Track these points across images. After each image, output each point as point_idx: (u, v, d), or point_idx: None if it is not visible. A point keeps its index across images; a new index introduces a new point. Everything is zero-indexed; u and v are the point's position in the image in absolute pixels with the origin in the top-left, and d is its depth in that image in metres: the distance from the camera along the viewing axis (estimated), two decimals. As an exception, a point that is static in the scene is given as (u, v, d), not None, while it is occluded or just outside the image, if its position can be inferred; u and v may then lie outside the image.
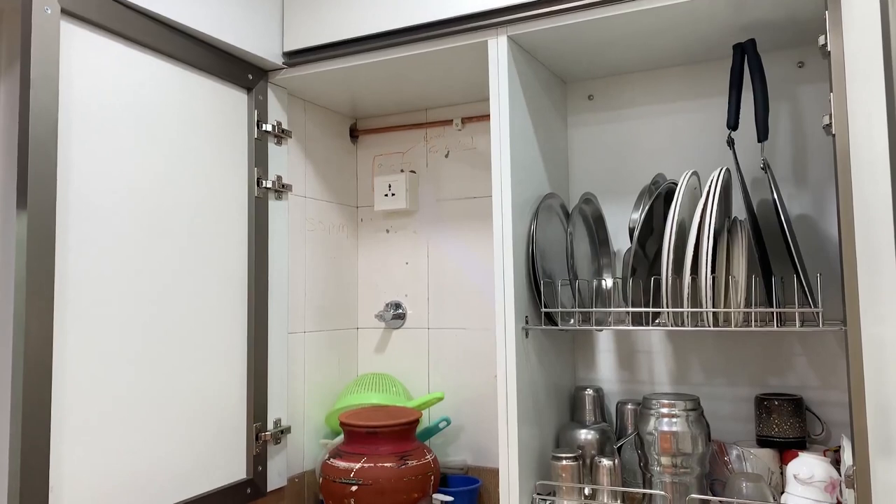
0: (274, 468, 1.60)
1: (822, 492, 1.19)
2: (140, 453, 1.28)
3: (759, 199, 1.48)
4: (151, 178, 1.33)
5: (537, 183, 1.50)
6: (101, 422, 1.21)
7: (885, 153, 1.06)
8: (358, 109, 1.92)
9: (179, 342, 1.37)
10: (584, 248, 1.52)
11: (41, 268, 1.12)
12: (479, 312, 1.81)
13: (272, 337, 1.61)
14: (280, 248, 1.66)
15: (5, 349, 1.16)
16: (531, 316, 1.42)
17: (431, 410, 1.82)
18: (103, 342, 1.22)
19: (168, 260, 1.36)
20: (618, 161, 1.64)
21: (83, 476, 1.17)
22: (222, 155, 1.51)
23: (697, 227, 1.25)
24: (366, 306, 1.96)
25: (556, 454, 1.37)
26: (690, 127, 1.57)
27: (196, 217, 1.43)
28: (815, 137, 1.45)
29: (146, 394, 1.30)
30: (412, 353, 1.88)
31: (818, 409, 1.42)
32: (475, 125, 1.85)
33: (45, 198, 1.13)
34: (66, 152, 1.18)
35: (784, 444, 1.37)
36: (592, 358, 1.64)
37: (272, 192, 1.64)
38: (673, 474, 1.28)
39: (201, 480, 1.41)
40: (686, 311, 1.26)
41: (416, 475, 1.50)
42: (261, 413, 1.56)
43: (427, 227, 1.89)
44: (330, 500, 1.51)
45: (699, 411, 1.31)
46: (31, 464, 1.08)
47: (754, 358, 1.48)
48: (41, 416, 1.10)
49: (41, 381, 1.10)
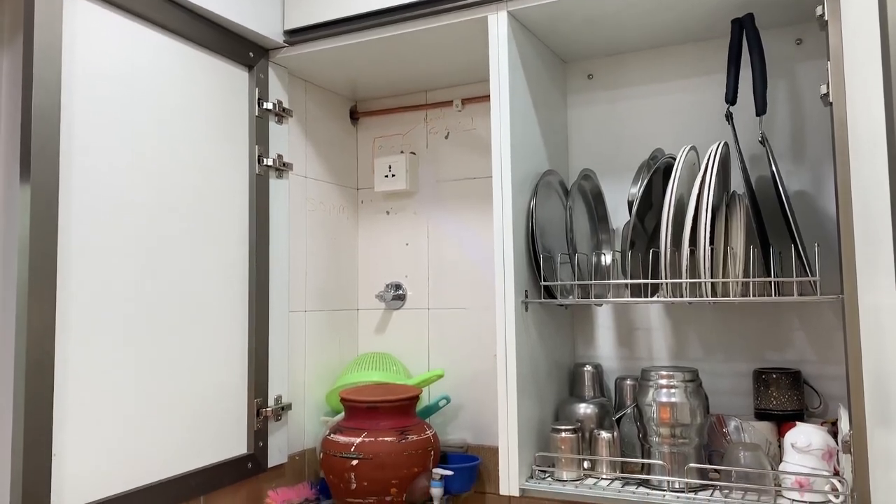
0: (275, 444, 1.61)
1: (819, 460, 1.20)
2: (143, 424, 1.28)
3: (757, 175, 1.49)
4: (153, 153, 1.34)
5: (537, 161, 1.51)
6: (103, 392, 1.22)
7: (881, 122, 1.07)
8: (358, 91, 1.93)
9: (181, 316, 1.38)
10: (582, 225, 1.53)
11: (44, 239, 1.12)
12: (479, 292, 1.81)
13: (273, 314, 1.62)
14: (281, 226, 1.66)
15: (8, 317, 1.16)
16: (531, 291, 1.43)
17: (431, 389, 1.83)
18: (105, 316, 1.23)
19: (170, 234, 1.37)
20: (617, 140, 1.65)
21: (86, 443, 1.18)
22: (223, 132, 1.51)
23: (696, 198, 1.25)
24: (366, 287, 1.97)
25: (555, 426, 1.38)
26: (689, 105, 1.58)
27: (197, 192, 1.44)
28: (813, 115, 1.46)
29: (148, 365, 1.30)
30: (412, 334, 1.89)
31: (816, 383, 1.43)
32: (475, 106, 1.86)
33: (48, 170, 1.14)
34: (69, 125, 1.19)
35: (782, 416, 1.38)
36: (591, 335, 1.65)
37: (273, 171, 1.65)
38: (671, 445, 1.29)
39: (203, 453, 1.41)
40: (684, 283, 1.27)
41: (417, 450, 1.51)
42: (262, 389, 1.57)
43: (427, 208, 1.90)
44: (331, 474, 1.52)
45: (697, 383, 1.32)
46: (35, 432, 1.09)
47: (752, 333, 1.49)
48: (44, 387, 1.11)
49: (43, 353, 1.11)
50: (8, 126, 1.22)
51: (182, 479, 1.35)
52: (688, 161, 1.36)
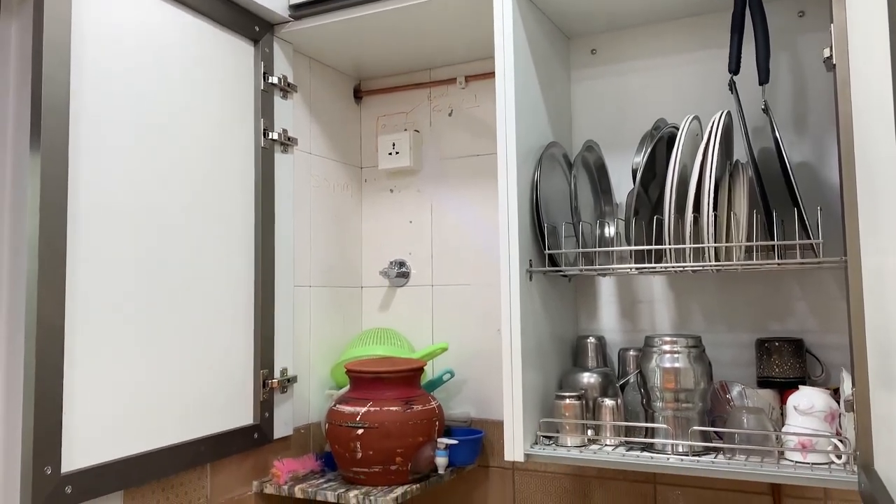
0: (280, 416, 1.62)
1: (821, 421, 1.21)
2: (151, 390, 1.29)
3: (759, 147, 1.50)
4: (160, 123, 1.35)
5: (541, 134, 1.52)
6: (111, 355, 1.23)
7: (886, 83, 1.07)
8: (362, 70, 1.94)
9: (187, 285, 1.39)
10: (586, 196, 1.54)
11: (54, 205, 1.13)
12: (483, 269, 1.82)
13: (279, 287, 1.63)
14: (286, 200, 1.67)
15: (19, 289, 1.18)
16: (535, 261, 1.44)
17: (435, 364, 1.84)
18: (113, 283, 1.24)
19: (177, 204, 1.38)
20: (620, 114, 1.66)
21: (96, 405, 1.19)
22: (229, 104, 1.52)
23: (700, 164, 1.26)
24: (370, 265, 1.97)
25: (559, 393, 1.39)
26: (692, 79, 1.59)
27: (203, 165, 1.45)
28: (816, 86, 1.47)
29: (156, 332, 1.31)
30: (416, 310, 1.90)
31: (818, 351, 1.44)
32: (478, 83, 1.86)
33: (58, 138, 1.15)
34: (78, 95, 1.19)
35: (784, 384, 1.39)
36: (594, 308, 1.66)
37: (278, 145, 1.66)
38: (675, 409, 1.30)
39: (210, 422, 1.42)
40: (688, 248, 1.28)
41: (422, 419, 1.52)
42: (267, 361, 1.58)
43: (431, 186, 1.91)
44: (336, 444, 1.53)
45: (701, 349, 1.33)
46: (45, 389, 1.10)
47: (754, 303, 1.50)
48: (54, 349, 1.12)
49: (53, 317, 1.12)
50: (18, 94, 1.23)
51: (190, 445, 1.36)
52: (691, 131, 1.37)
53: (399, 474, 1.51)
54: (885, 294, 1.08)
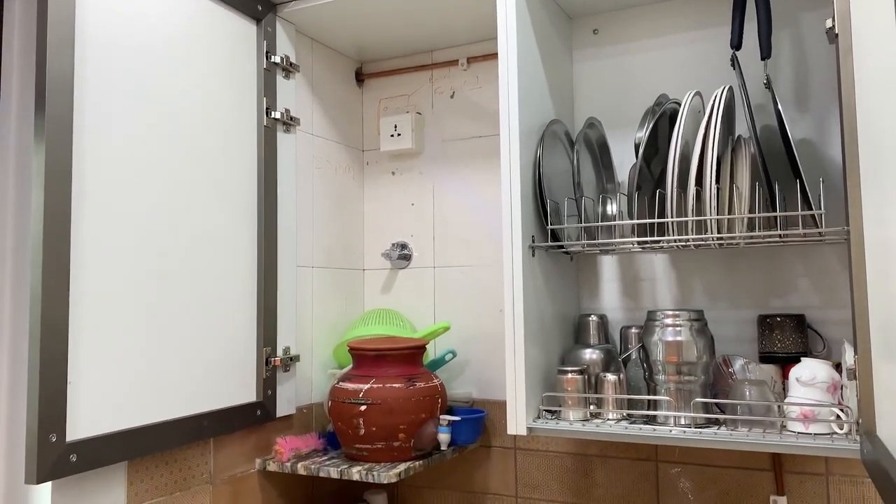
0: (283, 395, 1.62)
1: (824, 392, 1.21)
2: (155, 364, 1.30)
3: (761, 125, 1.50)
4: (163, 99, 1.35)
5: (544, 114, 1.52)
6: (116, 327, 1.23)
7: (892, 51, 1.08)
8: (364, 52, 1.94)
9: (191, 260, 1.39)
10: (588, 174, 1.55)
11: (59, 181, 1.13)
12: (485, 250, 1.83)
13: (281, 266, 1.63)
14: (288, 180, 1.68)
15: (24, 264, 1.18)
16: (538, 237, 1.45)
17: (437, 344, 1.84)
18: (119, 260, 1.24)
19: (180, 181, 1.38)
20: (622, 94, 1.66)
21: (101, 377, 1.19)
22: (231, 82, 1.53)
23: (702, 137, 1.27)
24: (372, 248, 1.98)
25: (561, 368, 1.39)
26: (694, 58, 1.59)
27: (206, 143, 1.45)
28: (817, 62, 1.47)
29: (160, 307, 1.32)
30: (418, 292, 1.91)
31: (820, 327, 1.45)
32: (480, 65, 1.87)
33: (62, 115, 1.15)
34: (81, 71, 1.19)
35: (786, 359, 1.39)
36: (596, 287, 1.67)
37: (280, 124, 1.66)
38: (677, 382, 1.30)
39: (214, 397, 1.43)
40: (690, 221, 1.28)
41: (424, 396, 1.53)
42: (270, 339, 1.58)
43: (432, 168, 1.92)
44: (339, 421, 1.53)
45: (703, 322, 1.33)
46: (50, 357, 1.10)
47: (756, 280, 1.51)
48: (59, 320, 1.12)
49: (59, 290, 1.13)
50: (21, 74, 1.23)
51: (193, 420, 1.36)
52: (693, 107, 1.37)
53: (402, 451, 1.51)
54: (888, 263, 1.08)
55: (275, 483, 1.61)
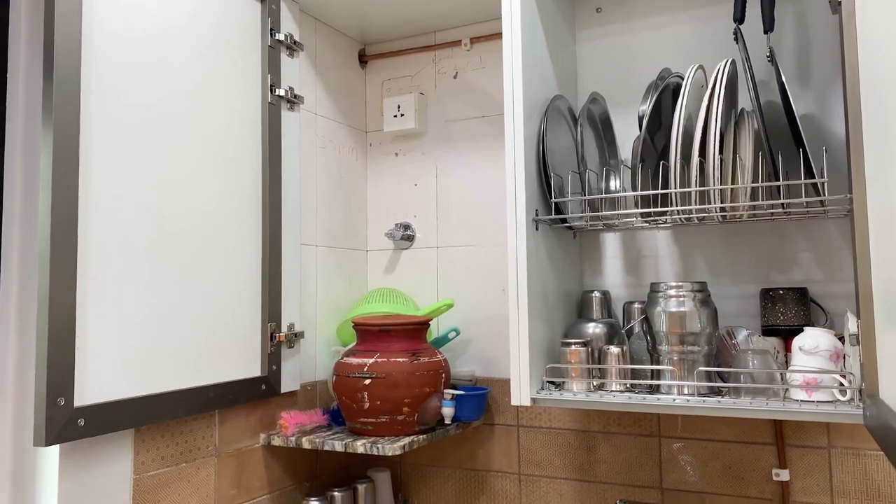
0: (287, 371, 1.63)
1: (826, 361, 1.22)
2: (162, 335, 1.30)
3: (764, 101, 1.50)
4: (169, 76, 1.36)
5: (547, 91, 1.53)
6: (123, 301, 1.23)
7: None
8: (367, 33, 1.95)
9: (197, 235, 1.40)
10: (591, 149, 1.55)
11: (66, 155, 1.14)
12: (487, 230, 1.83)
13: (286, 243, 1.64)
14: (292, 158, 1.68)
15: (32, 231, 1.19)
16: (541, 211, 1.45)
17: (441, 322, 1.85)
18: (127, 234, 1.25)
19: (187, 154, 1.38)
20: (625, 73, 1.67)
21: (108, 344, 1.20)
22: (236, 59, 1.53)
23: (706, 108, 1.27)
24: (375, 229, 1.98)
25: (564, 340, 1.40)
26: (697, 36, 1.60)
27: (211, 119, 1.45)
28: (820, 37, 1.48)
29: (166, 279, 1.32)
30: (421, 272, 1.91)
31: (822, 301, 1.45)
32: (483, 45, 1.87)
33: (70, 93, 1.15)
34: (89, 48, 1.20)
35: (789, 331, 1.40)
36: (599, 263, 1.68)
37: (285, 102, 1.66)
38: (681, 353, 1.31)
39: (219, 370, 1.43)
40: (693, 191, 1.29)
41: (428, 371, 1.53)
42: (275, 315, 1.59)
43: (435, 149, 1.92)
44: (344, 396, 1.54)
45: (706, 293, 1.34)
46: (58, 321, 1.11)
47: (759, 255, 1.52)
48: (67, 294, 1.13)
49: (67, 265, 1.13)
50: (28, 44, 1.24)
51: (198, 391, 1.37)
52: (696, 81, 1.38)
53: (406, 425, 1.52)
54: (891, 228, 1.08)
55: (279, 458, 1.62)
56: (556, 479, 1.70)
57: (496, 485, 1.77)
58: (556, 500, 1.70)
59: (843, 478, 1.45)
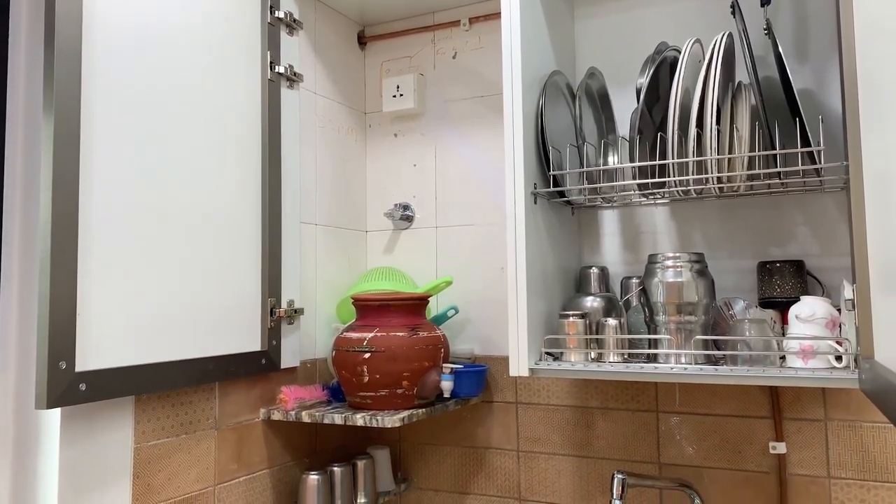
0: (287, 347, 1.63)
1: (823, 328, 1.23)
2: (164, 306, 1.31)
3: (761, 76, 1.51)
4: (167, 53, 1.36)
5: (546, 68, 1.53)
6: (125, 270, 1.24)
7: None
8: (366, 14, 1.95)
9: (198, 211, 1.41)
10: (589, 125, 1.56)
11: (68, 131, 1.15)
12: (486, 209, 1.84)
13: (286, 220, 1.64)
14: (292, 136, 1.69)
15: (34, 196, 1.19)
16: (540, 185, 1.46)
17: (439, 300, 1.85)
18: (128, 205, 1.25)
19: (187, 128, 1.39)
20: (624, 50, 1.68)
21: (109, 313, 1.21)
22: (237, 36, 1.54)
23: (703, 80, 1.28)
24: (374, 209, 1.99)
25: (563, 312, 1.41)
26: (695, 13, 1.61)
27: (211, 96, 1.46)
28: (817, 15, 1.49)
29: (167, 249, 1.33)
30: (420, 253, 1.92)
31: (819, 274, 1.46)
32: (482, 25, 1.88)
33: (71, 79, 1.16)
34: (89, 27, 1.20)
35: (785, 303, 1.40)
36: (597, 240, 1.68)
37: (284, 79, 1.67)
38: (678, 322, 1.32)
39: (220, 343, 1.44)
40: (691, 161, 1.30)
41: (427, 345, 1.54)
42: (275, 290, 1.60)
43: (434, 129, 1.93)
44: (343, 370, 1.54)
45: (703, 264, 1.35)
46: (60, 286, 1.12)
47: (756, 229, 1.52)
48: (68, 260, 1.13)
49: (68, 231, 1.14)
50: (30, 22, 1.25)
51: (199, 362, 1.38)
52: (693, 55, 1.39)
53: (405, 398, 1.53)
54: (887, 195, 1.09)
55: (279, 433, 1.63)
56: (554, 455, 1.71)
57: (495, 462, 1.78)
58: (555, 476, 1.71)
59: (840, 450, 1.45)
